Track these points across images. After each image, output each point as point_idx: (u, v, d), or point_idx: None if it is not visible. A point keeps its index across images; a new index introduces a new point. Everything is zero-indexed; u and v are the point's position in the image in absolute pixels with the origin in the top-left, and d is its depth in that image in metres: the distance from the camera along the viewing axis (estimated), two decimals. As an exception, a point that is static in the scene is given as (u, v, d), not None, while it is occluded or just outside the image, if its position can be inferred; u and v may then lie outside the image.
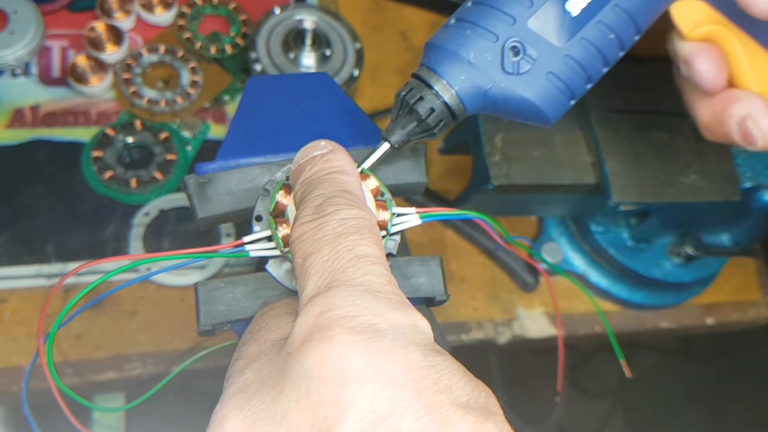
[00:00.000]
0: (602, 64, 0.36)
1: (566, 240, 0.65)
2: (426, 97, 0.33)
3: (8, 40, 0.57)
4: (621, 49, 0.36)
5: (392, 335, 0.24)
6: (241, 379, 0.26)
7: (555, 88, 0.34)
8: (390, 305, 0.25)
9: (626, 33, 0.36)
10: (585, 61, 0.35)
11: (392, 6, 0.71)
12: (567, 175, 0.56)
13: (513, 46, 0.33)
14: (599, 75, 0.36)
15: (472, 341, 0.61)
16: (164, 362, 0.53)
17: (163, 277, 0.55)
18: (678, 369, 1.27)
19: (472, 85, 0.33)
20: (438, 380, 0.23)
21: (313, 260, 0.27)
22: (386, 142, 0.34)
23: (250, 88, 0.38)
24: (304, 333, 0.24)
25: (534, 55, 0.34)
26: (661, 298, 0.67)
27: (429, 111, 0.33)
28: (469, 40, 0.33)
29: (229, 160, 0.35)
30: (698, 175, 0.58)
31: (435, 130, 0.34)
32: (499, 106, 0.34)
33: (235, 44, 0.62)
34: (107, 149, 0.57)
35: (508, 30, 0.33)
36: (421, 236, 0.63)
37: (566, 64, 0.34)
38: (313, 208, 0.28)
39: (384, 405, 0.22)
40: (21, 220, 0.54)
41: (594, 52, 0.35)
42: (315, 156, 0.31)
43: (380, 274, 0.26)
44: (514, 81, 0.34)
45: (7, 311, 0.52)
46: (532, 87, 0.34)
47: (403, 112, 0.34)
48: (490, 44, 0.33)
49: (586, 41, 0.34)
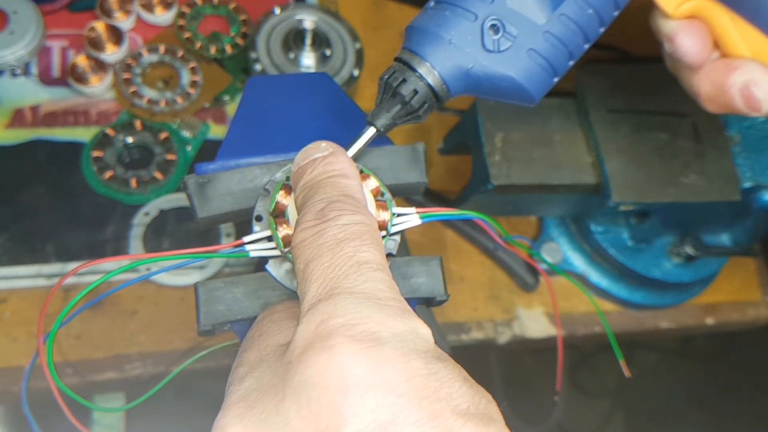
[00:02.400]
0: (583, 40, 0.36)
1: (566, 240, 0.65)
2: (409, 79, 0.33)
3: (8, 40, 0.57)
4: (601, 25, 0.36)
5: (393, 343, 0.24)
6: (242, 387, 0.26)
7: (537, 65, 0.34)
8: (391, 313, 0.25)
9: (605, 8, 0.36)
10: (565, 37, 0.35)
11: (392, 6, 0.71)
12: (567, 175, 0.56)
13: (492, 24, 0.33)
14: (581, 51, 0.36)
15: (472, 341, 0.61)
16: (164, 362, 0.53)
17: (163, 277, 0.55)
18: (678, 369, 1.27)
19: (454, 66, 0.34)
20: (439, 388, 0.23)
21: (314, 266, 0.27)
22: (371, 127, 0.34)
23: (250, 88, 0.38)
24: (305, 341, 0.24)
25: (514, 32, 0.34)
26: (661, 298, 0.67)
27: (413, 93, 0.33)
28: (449, 20, 0.33)
29: (229, 160, 0.35)
30: (698, 175, 0.58)
31: (420, 112, 0.34)
32: (483, 85, 0.34)
33: (235, 44, 0.62)
34: (107, 149, 0.57)
35: (487, 8, 0.33)
36: (421, 236, 0.63)
37: (547, 41, 0.34)
38: (315, 213, 0.28)
39: (385, 413, 0.22)
40: (21, 220, 0.54)
41: (574, 27, 0.35)
42: (316, 158, 0.31)
43: (381, 281, 0.26)
44: (496, 59, 0.34)
45: (7, 311, 0.52)
46: (514, 64, 0.34)
47: (386, 96, 0.34)
48: (469, 23, 0.33)
49: (565, 17, 0.34)
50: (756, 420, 1.12)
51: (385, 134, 0.34)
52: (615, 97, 0.58)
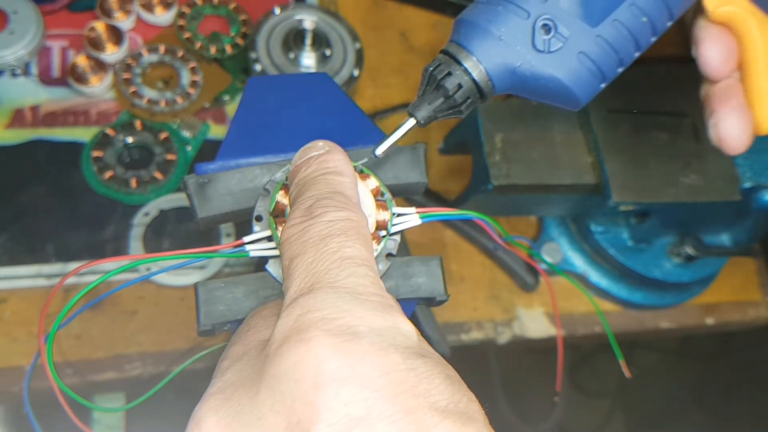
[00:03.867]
0: (634, 47, 0.35)
1: (566, 240, 0.65)
2: (454, 72, 0.33)
3: (8, 40, 0.57)
4: (653, 34, 0.35)
5: (371, 338, 0.24)
6: (223, 380, 0.26)
7: (586, 69, 0.33)
8: (371, 307, 0.25)
9: (659, 17, 0.35)
10: (617, 43, 0.34)
11: (392, 6, 0.71)
12: (567, 175, 0.56)
13: (544, 23, 0.33)
14: (631, 59, 0.35)
15: (472, 341, 0.61)
16: (164, 362, 0.53)
17: (163, 277, 0.55)
18: (678, 369, 1.27)
19: (502, 62, 0.33)
20: (417, 384, 0.23)
21: (298, 262, 0.27)
22: (412, 118, 0.33)
23: (250, 88, 0.38)
24: (283, 335, 0.24)
25: (566, 33, 0.33)
26: (661, 298, 0.67)
27: (457, 87, 0.33)
28: (500, 16, 0.33)
29: (229, 160, 0.35)
30: (698, 175, 0.58)
31: (462, 107, 0.33)
32: (529, 85, 0.34)
33: (235, 44, 0.62)
34: (107, 149, 0.57)
35: (540, 7, 0.33)
36: (421, 236, 0.63)
37: (598, 45, 0.33)
38: (303, 210, 0.29)
39: (359, 408, 0.22)
40: (21, 220, 0.54)
41: (626, 34, 0.34)
42: (312, 157, 0.31)
43: (364, 276, 0.26)
44: (545, 59, 0.33)
45: (7, 311, 0.52)
46: (563, 66, 0.33)
47: (430, 88, 0.33)
48: (521, 21, 0.33)
49: (618, 23, 0.34)
50: (756, 419, 1.12)
51: (425, 126, 0.34)
52: (615, 97, 0.58)
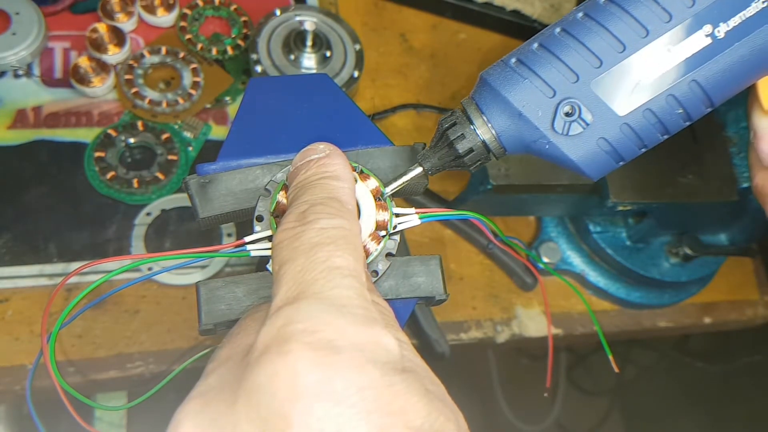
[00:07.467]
0: (662, 133, 0.33)
1: (565, 240, 0.65)
2: (467, 136, 0.33)
3: (11, 41, 0.57)
4: (687, 121, 0.33)
5: (350, 353, 0.24)
6: (206, 383, 0.26)
7: (603, 152, 0.32)
8: (353, 320, 0.25)
9: (696, 108, 0.32)
10: (643, 131, 0.32)
11: (392, 7, 0.71)
12: (565, 176, 0.56)
13: (568, 106, 0.31)
14: (656, 143, 0.33)
15: (472, 340, 0.62)
16: (166, 361, 0.53)
17: (164, 277, 0.55)
18: (675, 367, 1.27)
19: (517, 135, 0.33)
20: (392, 401, 0.23)
21: (287, 269, 0.27)
22: (420, 167, 0.34)
23: (251, 89, 0.38)
24: (264, 344, 0.24)
25: (589, 119, 0.32)
26: (658, 297, 0.67)
27: (468, 150, 0.33)
28: (525, 89, 0.32)
29: (231, 161, 0.36)
30: (696, 175, 0.58)
31: (471, 168, 0.34)
32: (541, 155, 0.33)
33: (236, 45, 0.63)
34: (109, 150, 0.57)
35: (568, 88, 0.31)
36: (421, 236, 0.63)
37: (622, 132, 0.32)
38: (296, 215, 0.28)
39: (331, 425, 0.22)
40: (23, 220, 0.55)
41: (656, 123, 0.32)
42: (311, 160, 0.31)
43: (350, 287, 0.26)
44: (561, 141, 0.32)
45: (10, 310, 0.52)
46: (578, 149, 0.32)
47: (442, 144, 0.34)
48: (545, 99, 0.32)
49: (650, 112, 0.32)
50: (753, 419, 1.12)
51: (432, 175, 0.34)
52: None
